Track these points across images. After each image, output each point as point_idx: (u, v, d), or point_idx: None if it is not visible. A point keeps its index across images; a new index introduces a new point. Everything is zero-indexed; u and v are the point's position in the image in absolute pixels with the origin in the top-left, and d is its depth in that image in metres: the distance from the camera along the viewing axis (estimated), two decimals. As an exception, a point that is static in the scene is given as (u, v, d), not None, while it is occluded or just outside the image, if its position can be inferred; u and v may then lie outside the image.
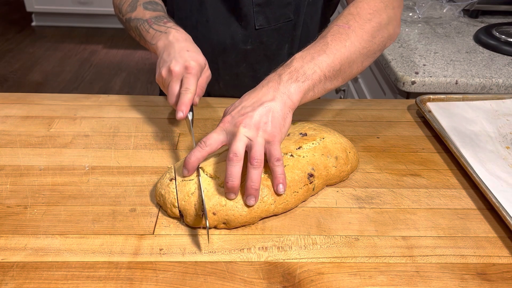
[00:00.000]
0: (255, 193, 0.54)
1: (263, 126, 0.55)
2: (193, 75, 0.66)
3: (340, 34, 0.63)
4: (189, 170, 0.56)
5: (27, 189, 0.61)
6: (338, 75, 0.62)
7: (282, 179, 0.56)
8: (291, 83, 0.58)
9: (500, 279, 0.50)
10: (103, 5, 3.49)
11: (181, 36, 0.72)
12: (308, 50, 0.62)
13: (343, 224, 0.57)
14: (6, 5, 4.10)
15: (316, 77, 0.59)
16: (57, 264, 0.50)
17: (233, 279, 0.49)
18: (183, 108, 0.64)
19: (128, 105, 0.84)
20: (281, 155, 0.56)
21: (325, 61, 0.60)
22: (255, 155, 0.54)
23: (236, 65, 0.92)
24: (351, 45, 0.63)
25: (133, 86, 2.85)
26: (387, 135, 0.76)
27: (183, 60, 0.66)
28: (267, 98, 0.57)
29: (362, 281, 0.49)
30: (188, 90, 0.64)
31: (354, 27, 0.64)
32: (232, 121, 0.56)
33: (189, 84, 0.65)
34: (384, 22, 0.67)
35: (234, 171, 0.53)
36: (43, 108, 0.82)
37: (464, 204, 0.61)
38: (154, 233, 0.55)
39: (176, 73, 0.66)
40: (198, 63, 0.68)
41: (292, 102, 0.58)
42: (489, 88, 0.97)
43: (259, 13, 0.85)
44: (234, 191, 0.54)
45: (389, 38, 0.69)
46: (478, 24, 1.29)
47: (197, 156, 0.55)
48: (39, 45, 3.36)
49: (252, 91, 0.59)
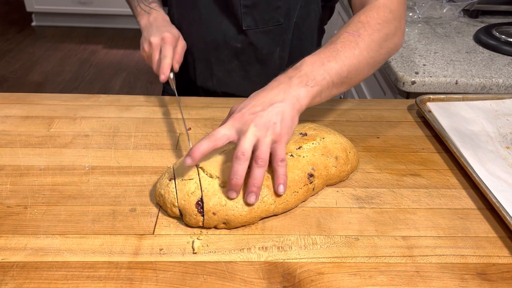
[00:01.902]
0: (257, 191, 0.55)
1: (272, 126, 0.56)
2: (169, 44, 0.78)
3: (349, 42, 0.64)
4: (194, 159, 0.54)
5: (27, 189, 0.61)
6: (344, 82, 0.64)
7: (284, 180, 0.56)
8: (301, 87, 0.59)
9: (500, 279, 0.50)
10: (103, 5, 3.50)
11: (160, 17, 0.85)
12: (318, 55, 0.62)
13: (343, 224, 0.57)
14: (6, 5, 4.10)
15: (324, 83, 0.60)
16: (57, 264, 0.50)
17: (233, 279, 0.49)
18: (164, 71, 0.76)
19: (128, 105, 0.84)
20: (285, 156, 0.57)
21: (334, 68, 0.61)
22: (261, 154, 0.54)
23: (228, 62, 0.94)
24: (359, 54, 0.64)
25: (133, 86, 2.85)
26: (387, 135, 0.76)
27: (159, 33, 0.80)
28: (277, 99, 0.57)
29: (362, 281, 0.49)
30: (166, 56, 0.77)
31: (364, 36, 0.65)
32: (242, 119, 0.56)
33: (166, 51, 0.77)
34: (391, 33, 0.68)
35: (240, 169, 0.54)
36: (43, 108, 0.82)
37: (464, 204, 0.61)
38: (154, 233, 0.55)
39: (155, 44, 0.79)
40: (172, 34, 0.80)
41: (300, 106, 0.58)
42: (489, 88, 0.97)
43: (247, 14, 0.86)
44: (237, 189, 0.55)
45: (394, 48, 0.71)
46: (478, 24, 1.29)
47: (204, 147, 0.55)
48: (39, 45, 3.36)
49: (261, 91, 0.60)
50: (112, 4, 3.46)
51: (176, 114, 0.81)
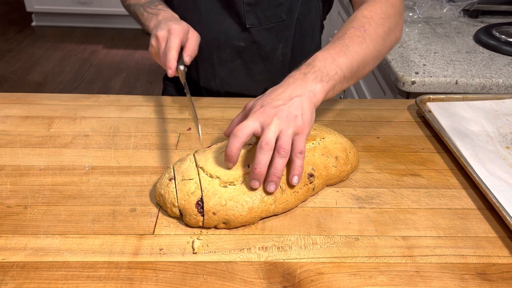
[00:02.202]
0: (277, 181, 0.56)
1: (294, 119, 0.57)
2: (174, 35, 0.72)
3: (357, 37, 0.66)
4: (233, 161, 0.57)
5: (27, 189, 0.61)
6: (354, 76, 0.66)
7: (299, 172, 0.57)
8: (316, 83, 0.60)
9: (500, 279, 0.50)
10: (103, 5, 3.49)
11: (168, 14, 0.81)
12: (329, 51, 0.64)
13: (343, 224, 0.57)
14: (6, 5, 4.10)
15: (337, 78, 0.62)
16: (57, 264, 0.50)
17: (233, 279, 0.49)
18: (170, 65, 0.70)
19: (128, 105, 0.84)
20: (305, 149, 0.58)
21: (345, 63, 0.63)
22: (284, 145, 0.56)
23: (231, 61, 0.94)
24: (366, 48, 0.66)
25: (133, 86, 2.85)
26: (387, 135, 0.76)
27: (166, 26, 0.74)
28: (296, 94, 0.59)
29: (362, 281, 0.49)
30: (171, 47, 0.71)
31: (369, 30, 0.68)
32: (264, 113, 0.58)
33: (171, 43, 0.71)
34: (393, 27, 0.71)
35: (264, 159, 0.55)
36: (43, 108, 0.82)
37: (464, 204, 0.61)
38: (154, 233, 0.55)
39: (162, 37, 0.73)
40: (180, 25, 0.74)
41: (317, 100, 0.60)
42: (489, 88, 0.97)
43: (250, 12, 0.87)
44: (260, 179, 0.56)
45: (396, 41, 0.74)
46: (478, 24, 1.29)
47: (236, 146, 0.56)
48: (39, 45, 3.36)
49: (278, 87, 0.61)
50: (112, 4, 3.46)
51: (175, 114, 0.81)
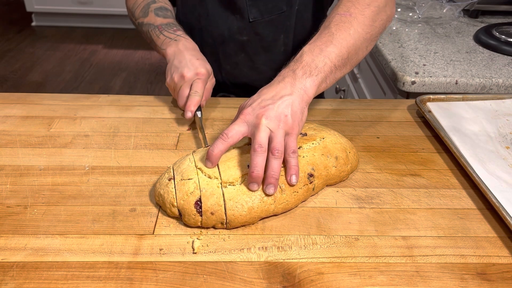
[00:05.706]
0: (275, 182, 0.56)
1: (284, 118, 0.57)
2: (202, 80, 0.74)
3: (343, 23, 0.65)
4: (213, 162, 0.57)
5: (27, 189, 0.61)
6: (347, 63, 0.65)
7: (296, 171, 0.57)
8: (306, 78, 0.60)
9: (500, 279, 0.50)
10: (103, 5, 3.49)
11: (190, 45, 0.80)
12: (315, 43, 0.64)
13: (343, 224, 0.57)
14: (6, 5, 4.10)
15: (327, 68, 0.62)
16: (57, 264, 0.50)
17: (233, 279, 0.49)
18: (192, 108, 0.72)
19: (128, 105, 0.84)
20: (297, 147, 0.58)
21: (333, 52, 0.62)
22: (277, 146, 0.55)
23: (235, 55, 0.95)
24: (355, 33, 0.65)
25: (133, 86, 2.85)
26: (387, 135, 0.76)
27: (194, 68, 0.75)
28: (286, 93, 0.59)
29: (362, 281, 0.49)
30: (197, 93, 0.73)
31: (355, 14, 0.66)
32: (253, 113, 0.57)
33: (198, 88, 0.73)
34: (382, 5, 0.70)
35: (259, 162, 0.55)
36: (43, 108, 0.82)
37: (464, 204, 0.61)
38: (154, 233, 0.55)
39: (188, 78, 0.74)
40: (207, 70, 0.76)
41: (308, 97, 0.60)
42: (489, 88, 0.97)
43: (252, 6, 0.88)
44: (258, 181, 0.55)
45: (387, 19, 0.72)
46: (478, 24, 1.29)
47: (220, 148, 0.56)
48: (39, 45, 3.36)
49: (268, 86, 0.61)
50: (112, 4, 3.46)
51: (176, 114, 0.81)
